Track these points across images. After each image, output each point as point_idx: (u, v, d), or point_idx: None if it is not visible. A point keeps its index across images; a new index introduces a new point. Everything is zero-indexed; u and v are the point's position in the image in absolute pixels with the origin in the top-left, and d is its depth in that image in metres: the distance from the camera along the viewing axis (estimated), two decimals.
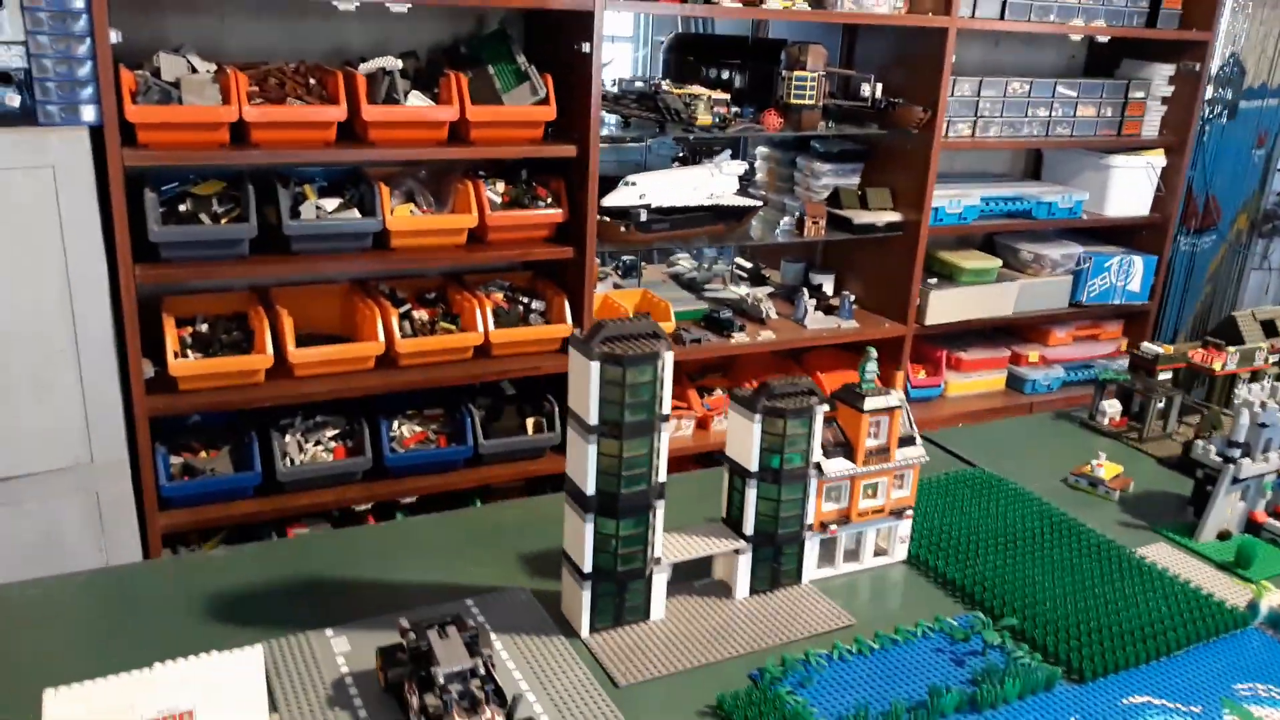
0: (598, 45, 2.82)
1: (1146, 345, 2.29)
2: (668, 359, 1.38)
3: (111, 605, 1.52)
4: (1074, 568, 1.67)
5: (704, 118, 3.09)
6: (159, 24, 2.77)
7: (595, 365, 1.33)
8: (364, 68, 2.78)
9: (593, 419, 1.35)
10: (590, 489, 1.38)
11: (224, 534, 2.96)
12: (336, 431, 3.00)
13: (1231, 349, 2.26)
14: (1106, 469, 1.98)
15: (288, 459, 2.89)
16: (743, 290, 3.66)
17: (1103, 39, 3.78)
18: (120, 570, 1.90)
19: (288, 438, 2.94)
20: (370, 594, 1.55)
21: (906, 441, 1.68)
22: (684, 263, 3.96)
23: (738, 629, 1.49)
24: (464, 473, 3.09)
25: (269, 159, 2.64)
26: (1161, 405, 2.22)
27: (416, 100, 2.78)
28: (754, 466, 1.51)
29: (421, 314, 3.06)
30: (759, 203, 3.40)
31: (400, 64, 2.82)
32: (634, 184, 3.18)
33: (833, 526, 1.61)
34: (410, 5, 2.65)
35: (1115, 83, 3.82)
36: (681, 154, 3.79)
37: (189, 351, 2.76)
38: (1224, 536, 1.80)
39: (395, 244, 2.88)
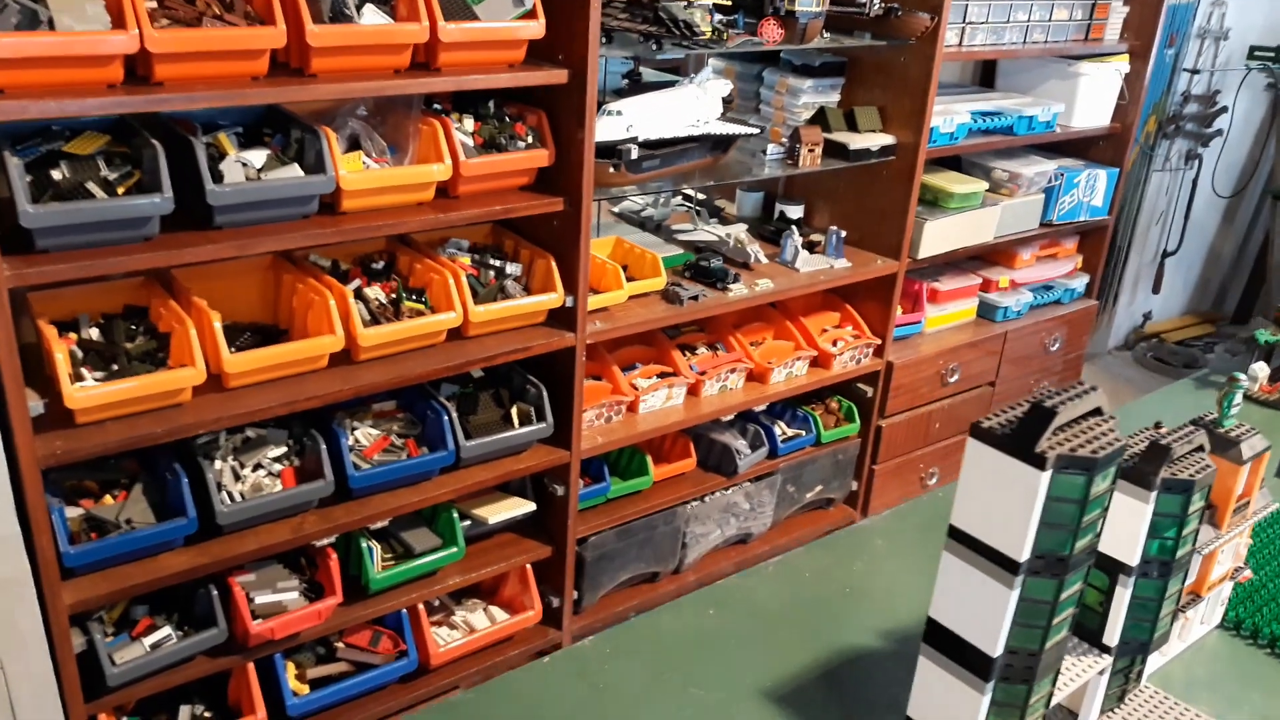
0: None
1: None
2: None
3: None
4: None
5: (705, 29, 2.55)
6: None
7: (1045, 477, 0.86)
8: None
9: (1025, 553, 0.88)
10: (997, 648, 0.92)
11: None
12: (280, 450, 2.35)
13: None
14: None
15: (225, 493, 2.23)
16: (720, 230, 3.18)
17: None
18: None
19: (218, 463, 2.27)
20: None
21: None
22: (634, 199, 3.42)
23: None
24: (440, 481, 2.52)
25: (184, 104, 1.91)
26: None
27: (373, 17, 2.10)
28: (1135, 559, 1.08)
29: (376, 291, 2.41)
30: (754, 129, 2.90)
31: None
32: (619, 113, 2.62)
33: (1184, 612, 1.23)
34: None
35: None
36: (631, 72, 3.22)
37: (84, 371, 2.02)
38: None
39: (346, 206, 2.22)
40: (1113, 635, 1.12)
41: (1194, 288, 5.84)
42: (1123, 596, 1.10)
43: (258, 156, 2.12)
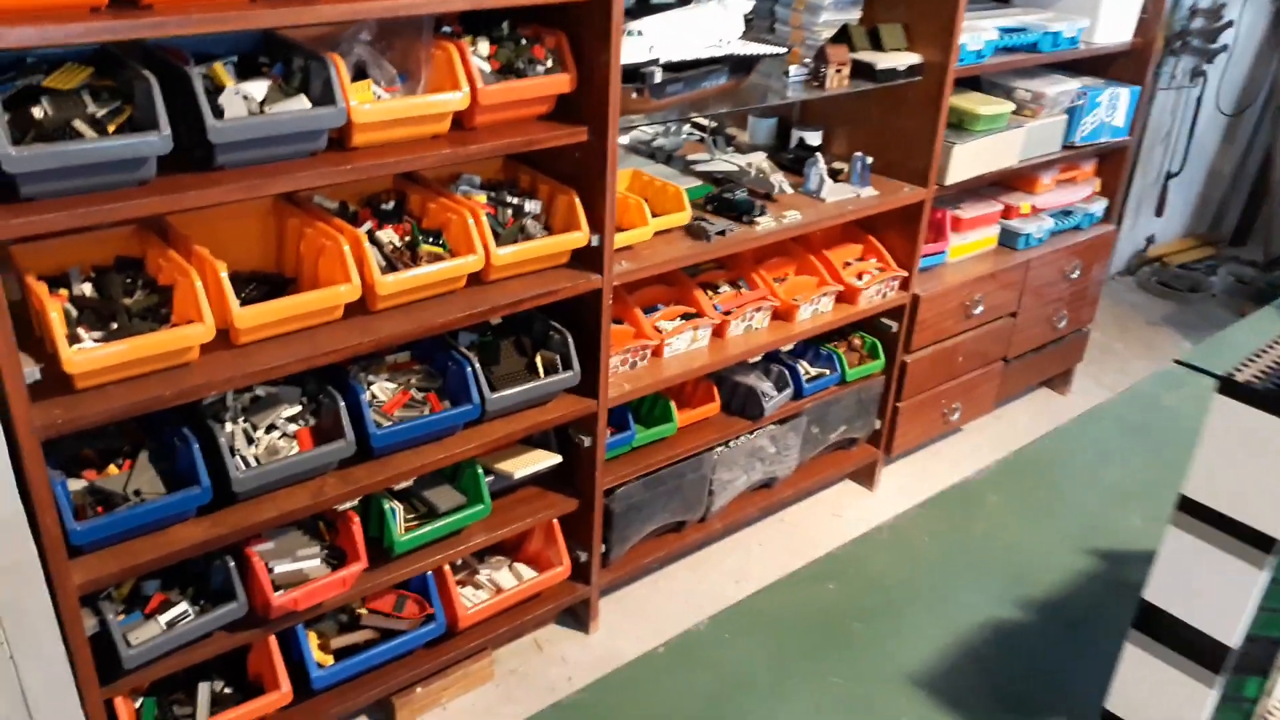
0: None
1: None
2: None
3: None
4: None
5: None
6: None
7: None
8: None
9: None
10: (1236, 637, 0.78)
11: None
12: (294, 409, 2.18)
13: None
14: None
15: (239, 458, 2.06)
16: (739, 159, 3.00)
17: None
18: None
19: (228, 426, 2.10)
20: None
21: None
22: (644, 128, 3.23)
23: None
24: (465, 436, 2.37)
25: (178, 29, 1.70)
26: None
27: None
28: None
29: (389, 234, 2.23)
30: (780, 49, 2.71)
31: None
32: (639, 33, 2.42)
33: None
34: None
35: None
36: None
37: (81, 331, 1.84)
38: None
39: (358, 141, 2.02)
40: None
41: (1193, 209, 5.75)
42: None
43: (258, 88, 1.92)
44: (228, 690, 2.28)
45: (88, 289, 1.93)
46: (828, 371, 3.13)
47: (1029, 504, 1.34)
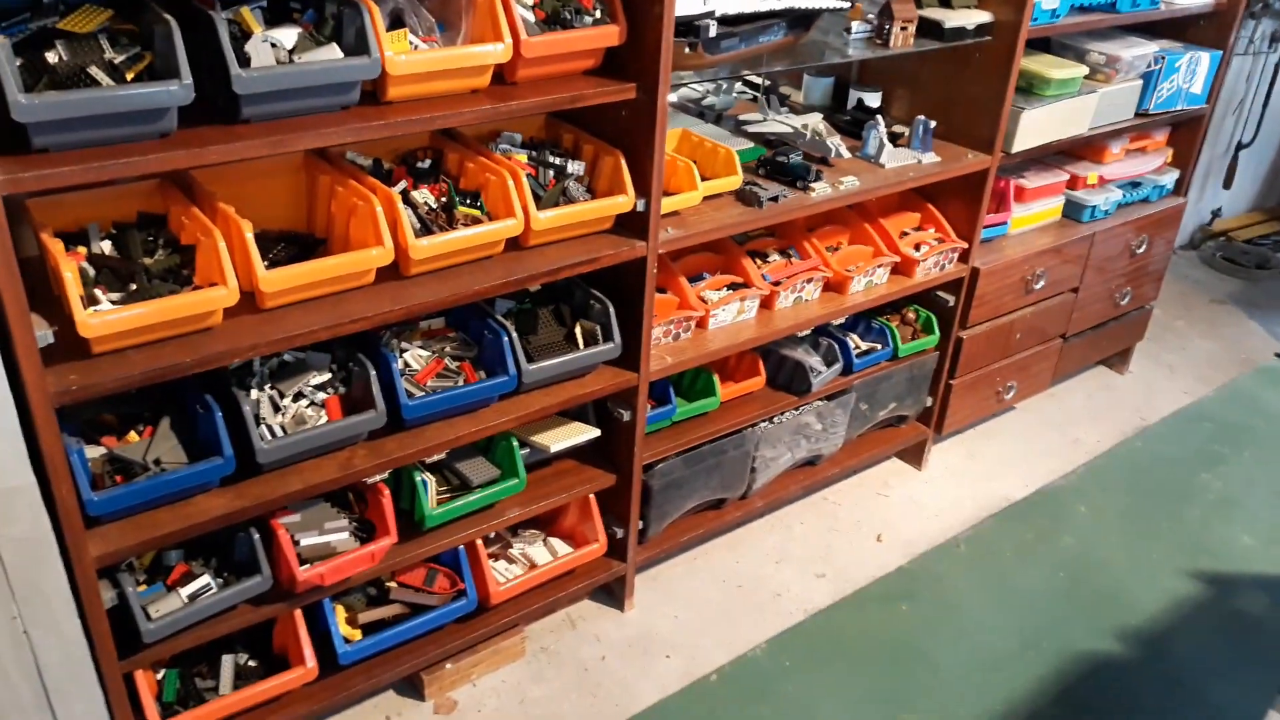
0: None
1: None
2: None
3: None
4: None
5: None
6: None
7: None
8: None
9: None
10: None
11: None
12: (323, 376, 2.08)
13: None
14: None
15: (264, 427, 1.97)
16: (794, 120, 2.84)
17: None
18: None
19: (254, 393, 2.01)
20: None
21: None
22: (693, 86, 3.07)
23: None
24: (500, 408, 2.26)
25: None
26: None
27: None
28: None
29: (425, 195, 2.11)
30: (843, 3, 2.55)
31: None
32: None
33: None
34: None
35: None
36: None
37: (98, 292, 1.74)
38: None
39: (393, 94, 1.90)
40: None
41: (1262, 182, 5.49)
42: None
43: (288, 36, 1.80)
44: (252, 663, 2.22)
45: (107, 247, 1.83)
46: (879, 346, 2.99)
47: (1123, 516, 1.20)
